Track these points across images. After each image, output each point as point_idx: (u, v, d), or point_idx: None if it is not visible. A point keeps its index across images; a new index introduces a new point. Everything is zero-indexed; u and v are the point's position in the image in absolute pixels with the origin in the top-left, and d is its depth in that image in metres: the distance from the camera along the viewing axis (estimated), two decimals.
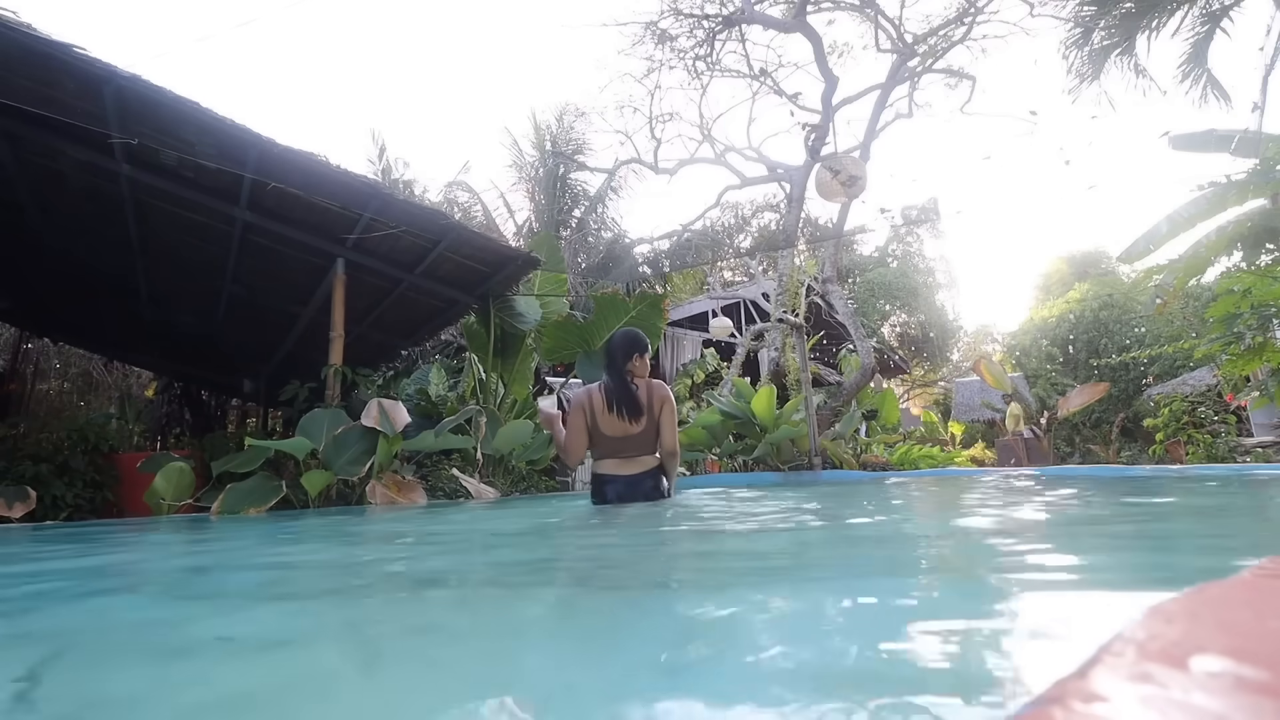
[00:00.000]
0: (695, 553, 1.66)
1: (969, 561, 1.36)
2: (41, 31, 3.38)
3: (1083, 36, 9.81)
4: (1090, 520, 2.10)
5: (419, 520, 3.12)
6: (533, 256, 5.76)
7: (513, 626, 0.92)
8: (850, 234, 16.81)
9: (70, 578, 1.63)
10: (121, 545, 2.59)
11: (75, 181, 4.76)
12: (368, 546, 2.17)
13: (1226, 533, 1.75)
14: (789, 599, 1.02)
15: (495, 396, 6.24)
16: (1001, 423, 13.39)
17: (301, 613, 1.09)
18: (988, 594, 0.99)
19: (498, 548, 2.00)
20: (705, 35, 11.37)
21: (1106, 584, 1.06)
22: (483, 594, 1.22)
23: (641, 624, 0.90)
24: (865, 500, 3.26)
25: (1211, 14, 8.91)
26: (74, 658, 0.82)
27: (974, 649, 0.70)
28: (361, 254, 5.31)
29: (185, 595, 1.34)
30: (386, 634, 0.90)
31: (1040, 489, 3.43)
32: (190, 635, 0.92)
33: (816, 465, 6.87)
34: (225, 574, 1.64)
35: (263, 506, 3.95)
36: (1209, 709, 0.32)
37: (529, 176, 15.60)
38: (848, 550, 1.62)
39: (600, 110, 13.20)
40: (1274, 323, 5.62)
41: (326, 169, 4.51)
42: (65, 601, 1.27)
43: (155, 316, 7.11)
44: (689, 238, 14.44)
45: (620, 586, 1.22)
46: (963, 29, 10.59)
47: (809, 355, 8.08)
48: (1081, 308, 15.71)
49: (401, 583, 1.36)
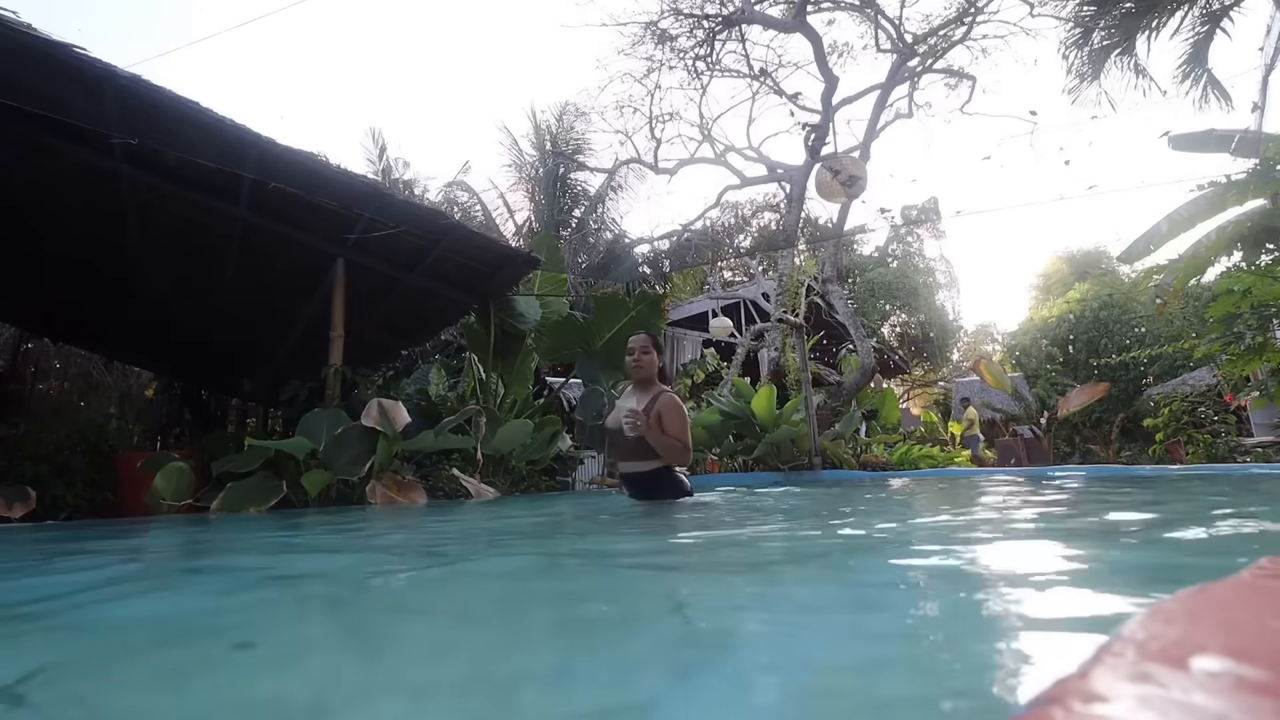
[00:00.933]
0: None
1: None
2: (42, 32, 3.38)
3: (1083, 36, 9.81)
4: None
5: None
6: (533, 256, 5.76)
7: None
8: (850, 234, 16.80)
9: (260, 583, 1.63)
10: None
11: (75, 181, 4.76)
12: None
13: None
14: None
15: (495, 396, 6.24)
16: (1002, 423, 13.41)
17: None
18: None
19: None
20: (705, 35, 11.37)
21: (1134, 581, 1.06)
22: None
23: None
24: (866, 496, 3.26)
25: (1211, 14, 8.92)
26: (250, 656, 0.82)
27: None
28: (361, 254, 5.30)
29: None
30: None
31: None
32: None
33: (816, 465, 6.87)
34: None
35: (263, 506, 3.95)
36: (1209, 709, 0.32)
37: (529, 176, 15.60)
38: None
39: (600, 110, 13.16)
40: (1274, 323, 5.62)
41: (326, 169, 4.50)
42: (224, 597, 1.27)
43: (155, 316, 7.10)
44: (689, 238, 14.44)
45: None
46: (963, 29, 10.60)
47: (809, 355, 8.08)
48: (1081, 308, 15.72)
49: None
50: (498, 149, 15.78)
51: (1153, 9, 9.01)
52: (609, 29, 11.48)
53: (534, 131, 15.58)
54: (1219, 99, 9.58)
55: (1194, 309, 12.66)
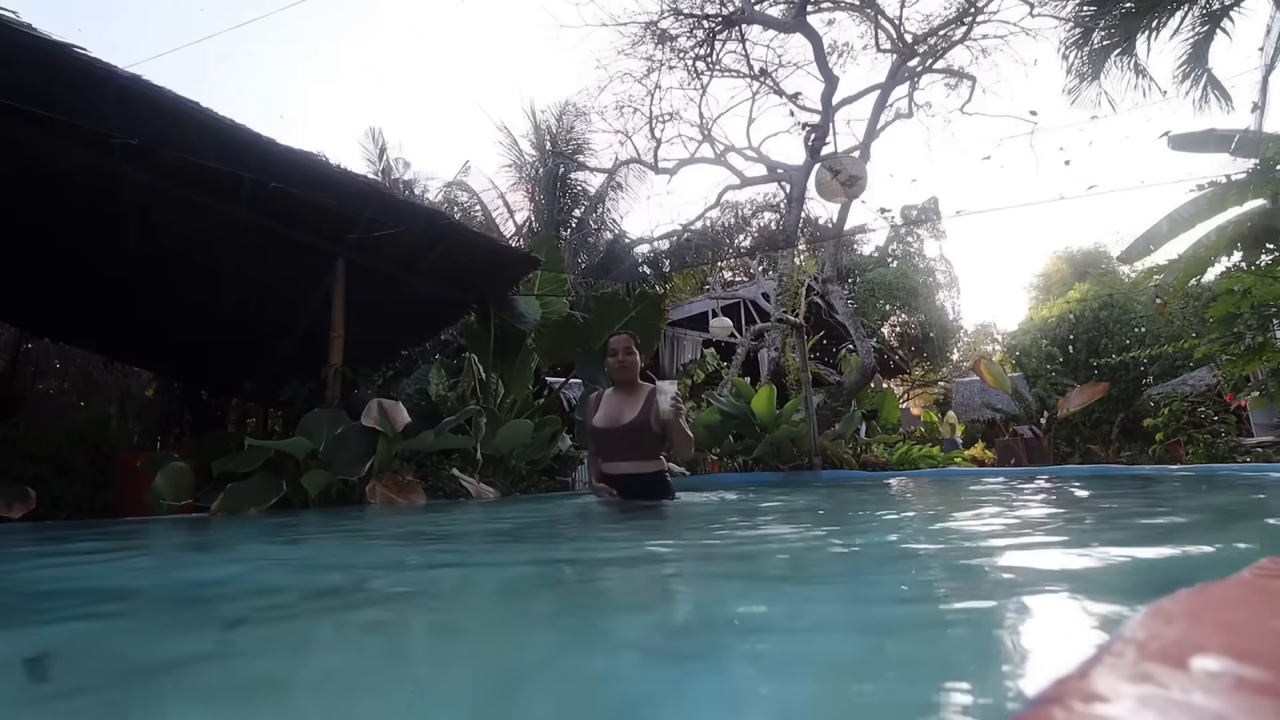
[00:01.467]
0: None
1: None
2: (42, 31, 3.38)
3: (1083, 37, 9.81)
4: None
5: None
6: (533, 256, 5.76)
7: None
8: (850, 234, 16.81)
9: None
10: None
11: (75, 181, 4.75)
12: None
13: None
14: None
15: (495, 396, 6.24)
16: (1002, 423, 13.40)
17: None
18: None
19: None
20: (705, 35, 11.37)
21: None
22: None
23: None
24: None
25: (1211, 14, 8.92)
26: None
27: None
28: (362, 254, 5.30)
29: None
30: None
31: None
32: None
33: (816, 465, 6.87)
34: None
35: (263, 506, 3.95)
36: (1209, 709, 0.32)
37: (529, 176, 15.58)
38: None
39: (600, 110, 13.16)
40: (1274, 323, 5.62)
41: (326, 169, 4.50)
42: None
43: (155, 316, 7.10)
44: (689, 238, 14.43)
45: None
46: (962, 29, 10.60)
47: (809, 355, 8.08)
48: (1081, 308, 15.71)
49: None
50: (498, 149, 15.75)
51: (1153, 9, 9.00)
52: (609, 29, 11.48)
53: (534, 131, 15.56)
54: (1219, 99, 9.58)
55: (1194, 309, 12.64)
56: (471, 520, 3.17)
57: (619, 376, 3.11)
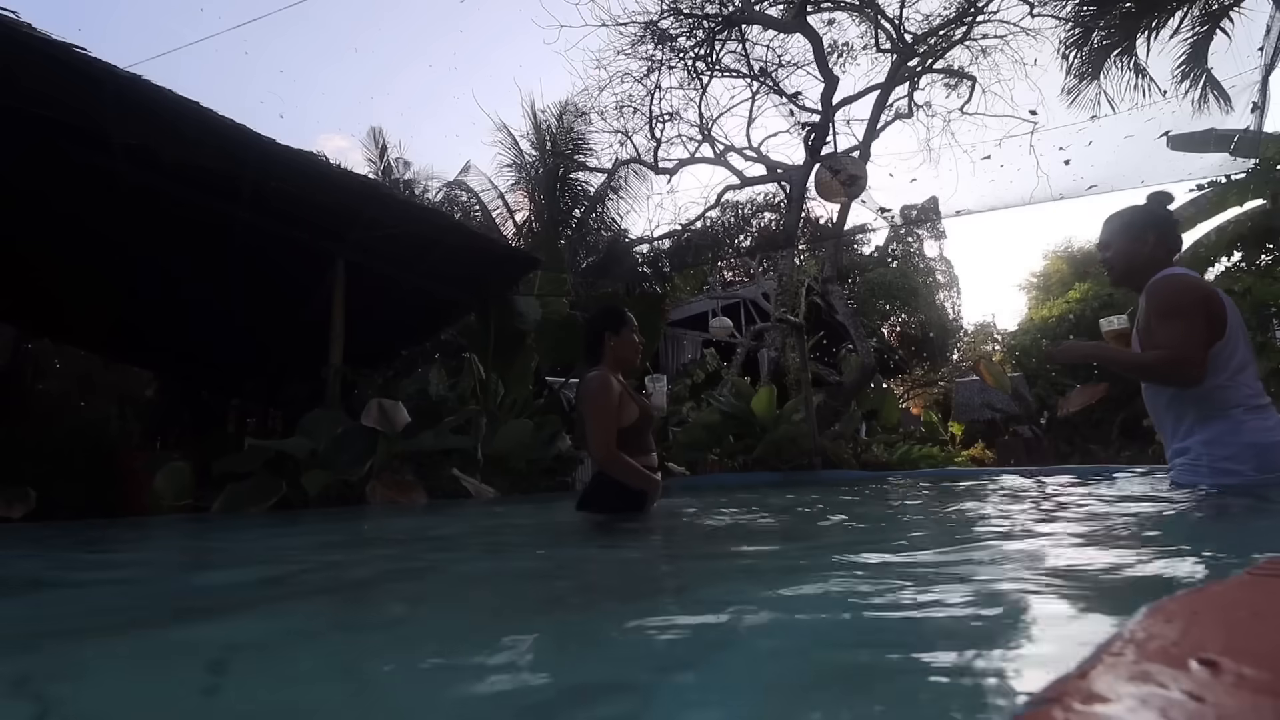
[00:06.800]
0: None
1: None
2: (41, 31, 3.38)
3: (1082, 37, 9.81)
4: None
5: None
6: (533, 256, 5.77)
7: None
8: (850, 234, 16.80)
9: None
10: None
11: (74, 181, 4.76)
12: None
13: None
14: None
15: (495, 396, 6.23)
16: (1002, 423, 13.40)
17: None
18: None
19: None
20: (705, 35, 11.36)
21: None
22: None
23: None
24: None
25: (1211, 14, 8.91)
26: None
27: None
28: (362, 254, 5.30)
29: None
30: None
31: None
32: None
33: (816, 465, 6.87)
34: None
35: (263, 506, 3.95)
36: (1209, 709, 0.32)
37: (529, 176, 15.56)
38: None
39: (600, 110, 13.14)
40: (1274, 323, 5.63)
41: (326, 169, 4.51)
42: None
43: (155, 316, 7.11)
44: (689, 238, 14.42)
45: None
46: (962, 29, 10.60)
47: (809, 355, 8.08)
48: (1081, 308, 15.71)
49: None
50: (497, 148, 15.72)
51: (1153, 9, 9.00)
52: (609, 28, 11.47)
53: (534, 131, 15.53)
54: (1218, 99, 9.57)
55: None
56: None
57: (635, 364, 2.88)
